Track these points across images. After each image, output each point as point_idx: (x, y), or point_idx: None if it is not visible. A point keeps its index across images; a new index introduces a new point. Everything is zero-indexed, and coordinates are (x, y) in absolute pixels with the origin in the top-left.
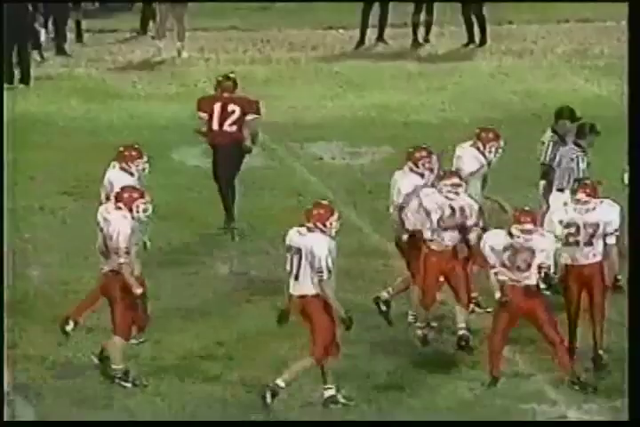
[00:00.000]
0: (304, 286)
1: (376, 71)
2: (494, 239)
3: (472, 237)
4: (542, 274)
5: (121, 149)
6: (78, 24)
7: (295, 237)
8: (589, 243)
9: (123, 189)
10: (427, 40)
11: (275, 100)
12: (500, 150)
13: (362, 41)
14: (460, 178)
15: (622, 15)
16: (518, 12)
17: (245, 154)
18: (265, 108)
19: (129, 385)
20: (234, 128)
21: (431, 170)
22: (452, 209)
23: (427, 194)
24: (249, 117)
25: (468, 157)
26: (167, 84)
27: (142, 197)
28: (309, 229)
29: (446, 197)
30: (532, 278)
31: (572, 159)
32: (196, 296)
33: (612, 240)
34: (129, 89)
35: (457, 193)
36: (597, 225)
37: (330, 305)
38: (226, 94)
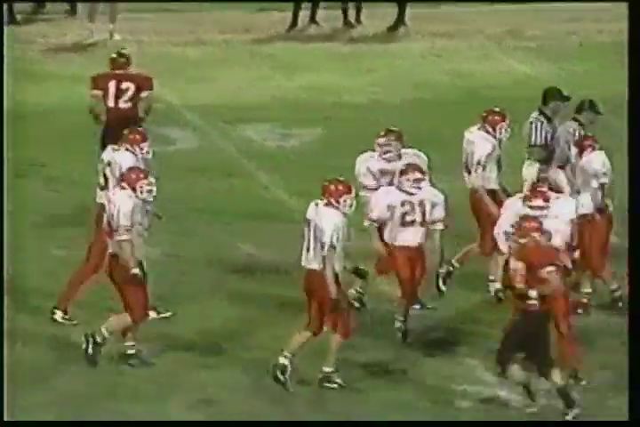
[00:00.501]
0: (310, 259)
1: (308, 53)
2: (390, 197)
3: (437, 229)
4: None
5: (125, 131)
6: (10, 6)
7: (311, 209)
8: None
9: (129, 169)
10: (358, 21)
11: (207, 81)
12: (509, 130)
13: (294, 23)
14: (422, 172)
15: None
16: None
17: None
18: (197, 90)
19: (135, 361)
20: (129, 105)
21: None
22: (412, 204)
23: (387, 192)
24: (143, 94)
25: (479, 141)
26: (99, 67)
27: (146, 177)
28: (325, 204)
29: (407, 193)
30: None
31: (570, 132)
32: None
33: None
34: (61, 71)
35: (419, 188)
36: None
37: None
38: (120, 71)
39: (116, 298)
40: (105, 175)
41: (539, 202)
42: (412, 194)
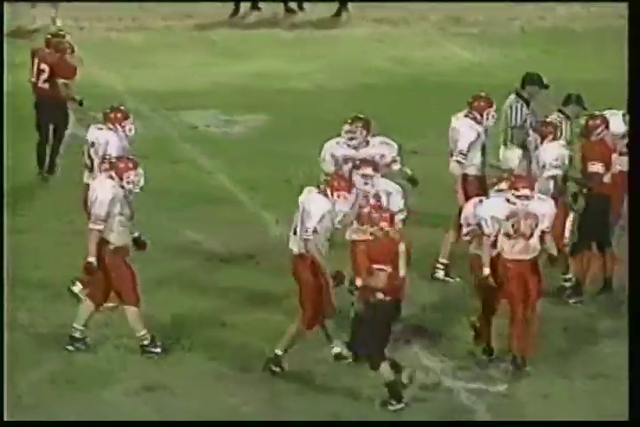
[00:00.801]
0: (295, 242)
1: (251, 39)
2: (495, 209)
3: (397, 221)
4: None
5: (106, 111)
6: None
7: (304, 194)
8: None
9: (118, 158)
10: (301, 8)
11: (150, 67)
12: (495, 116)
13: (237, 9)
14: (375, 168)
15: None
16: None
17: (69, 109)
18: (140, 76)
19: (158, 350)
20: (46, 85)
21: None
22: (367, 199)
23: None
24: (60, 81)
25: (464, 128)
26: None
27: (135, 168)
28: (318, 191)
29: (361, 188)
30: (535, 248)
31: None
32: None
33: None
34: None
35: (367, 184)
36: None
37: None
38: (47, 51)
39: None
40: (90, 156)
41: (525, 191)
42: (364, 190)
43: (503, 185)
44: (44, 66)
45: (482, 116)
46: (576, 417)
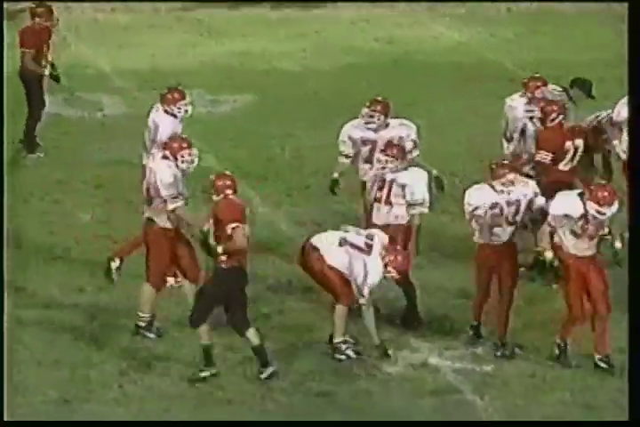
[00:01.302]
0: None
1: (236, 19)
2: (571, 208)
3: (415, 213)
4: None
5: (164, 91)
6: None
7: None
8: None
9: (172, 138)
10: None
11: (135, 47)
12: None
13: None
14: (395, 154)
15: None
16: None
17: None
18: (126, 56)
19: (152, 336)
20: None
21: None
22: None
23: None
24: (23, 50)
25: (519, 108)
26: None
27: (189, 147)
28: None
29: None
30: (594, 248)
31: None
32: (59, 244)
33: None
34: None
35: (385, 168)
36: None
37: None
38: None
39: None
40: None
41: (605, 209)
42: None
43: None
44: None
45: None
46: (561, 397)
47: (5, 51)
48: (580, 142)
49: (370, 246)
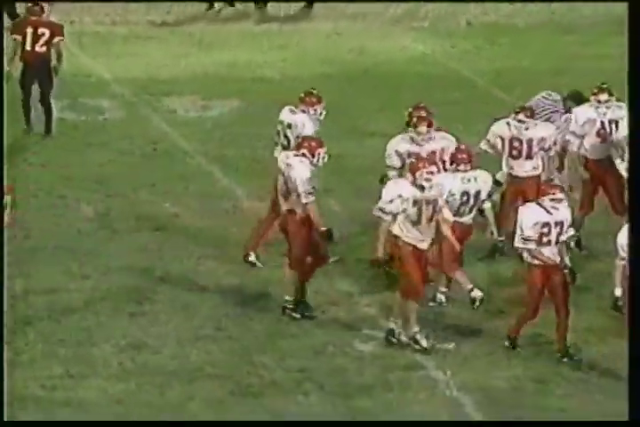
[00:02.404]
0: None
1: (224, 32)
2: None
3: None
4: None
5: (302, 94)
6: None
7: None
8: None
9: (308, 138)
10: (265, 3)
11: (133, 57)
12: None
13: (211, 5)
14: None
15: None
16: None
17: (54, 73)
18: (125, 65)
19: (298, 316)
20: (43, 49)
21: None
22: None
23: (397, 183)
24: (56, 39)
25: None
26: None
27: (323, 146)
28: (295, 155)
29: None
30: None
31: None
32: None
33: None
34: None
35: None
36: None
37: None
38: (35, 18)
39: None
40: (287, 136)
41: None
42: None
43: None
44: (42, 30)
45: (599, 102)
46: (515, 373)
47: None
48: None
49: None
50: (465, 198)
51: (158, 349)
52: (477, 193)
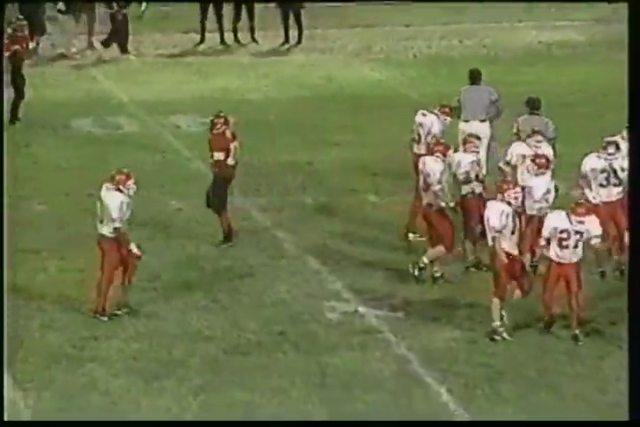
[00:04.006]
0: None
1: (218, 63)
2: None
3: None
4: None
5: (439, 105)
6: None
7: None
8: None
9: (438, 143)
10: (254, 40)
11: (145, 84)
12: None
13: (202, 40)
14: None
15: (396, 20)
16: (322, 19)
17: None
18: (138, 90)
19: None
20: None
21: None
22: None
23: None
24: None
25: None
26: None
27: (449, 149)
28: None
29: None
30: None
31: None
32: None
33: None
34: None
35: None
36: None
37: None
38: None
39: None
40: (419, 133)
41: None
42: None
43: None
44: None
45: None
46: (451, 335)
47: None
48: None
49: None
50: None
51: (165, 316)
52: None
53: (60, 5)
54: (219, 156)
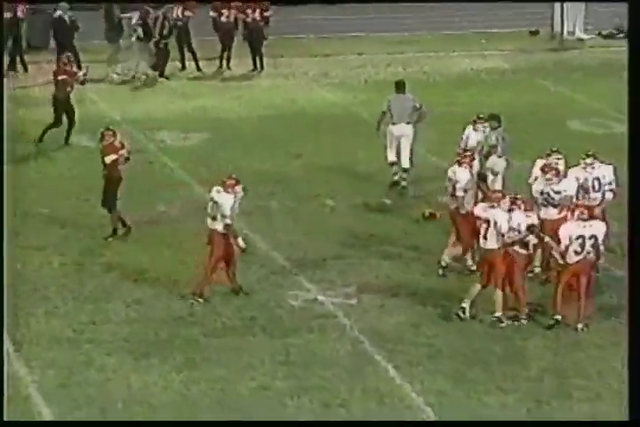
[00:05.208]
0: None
1: (197, 86)
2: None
3: None
4: None
5: (478, 117)
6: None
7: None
8: None
9: (464, 154)
10: (229, 67)
11: (135, 104)
12: None
13: (183, 67)
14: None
15: (350, 50)
16: (286, 50)
17: None
18: (129, 109)
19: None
20: None
21: None
22: None
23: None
24: None
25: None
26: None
27: (474, 159)
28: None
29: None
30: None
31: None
32: (88, 225)
33: None
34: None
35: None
36: None
37: None
38: None
39: None
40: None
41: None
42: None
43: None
44: None
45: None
46: (399, 319)
47: None
48: None
49: None
50: None
51: (153, 304)
52: None
53: (139, 32)
54: (108, 160)
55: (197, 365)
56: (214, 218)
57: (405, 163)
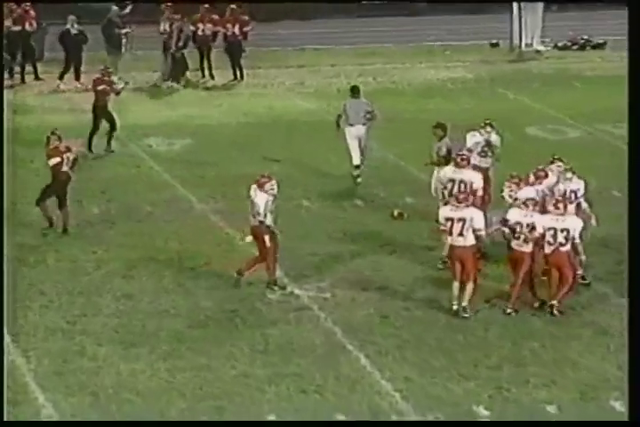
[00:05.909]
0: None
1: (182, 95)
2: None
3: None
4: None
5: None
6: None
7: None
8: None
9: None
10: (212, 77)
11: (124, 112)
12: None
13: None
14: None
15: (323, 62)
16: (264, 61)
17: None
18: (118, 117)
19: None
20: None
21: None
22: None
23: None
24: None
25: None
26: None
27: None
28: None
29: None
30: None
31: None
32: (81, 225)
33: None
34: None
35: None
36: None
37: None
38: None
39: None
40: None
41: None
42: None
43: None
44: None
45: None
46: (367, 312)
47: None
48: None
49: None
50: None
51: (141, 298)
52: None
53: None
54: (52, 163)
55: (182, 354)
56: (253, 215)
57: (357, 160)
